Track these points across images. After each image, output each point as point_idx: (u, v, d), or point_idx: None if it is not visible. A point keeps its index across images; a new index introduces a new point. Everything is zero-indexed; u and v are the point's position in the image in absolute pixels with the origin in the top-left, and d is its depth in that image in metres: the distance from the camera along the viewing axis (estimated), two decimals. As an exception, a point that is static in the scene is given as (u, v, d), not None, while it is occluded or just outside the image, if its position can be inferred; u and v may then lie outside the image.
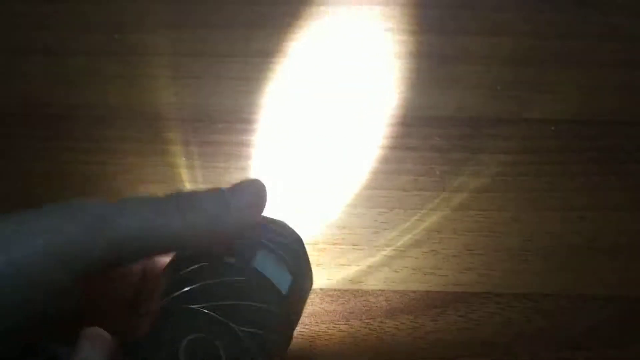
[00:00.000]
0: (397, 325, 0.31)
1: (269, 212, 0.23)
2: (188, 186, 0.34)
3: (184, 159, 0.34)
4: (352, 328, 0.30)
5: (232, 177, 0.34)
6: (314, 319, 0.31)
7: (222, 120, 0.35)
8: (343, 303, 0.31)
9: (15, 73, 0.36)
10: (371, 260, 0.32)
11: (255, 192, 0.22)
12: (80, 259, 0.19)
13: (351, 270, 0.32)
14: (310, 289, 0.25)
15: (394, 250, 0.32)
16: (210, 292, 0.20)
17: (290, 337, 0.23)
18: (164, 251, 0.21)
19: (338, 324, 0.31)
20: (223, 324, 0.20)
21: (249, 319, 0.20)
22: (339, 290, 0.31)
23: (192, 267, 0.21)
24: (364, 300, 0.31)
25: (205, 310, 0.20)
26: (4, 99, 0.36)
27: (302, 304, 0.24)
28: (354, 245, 0.33)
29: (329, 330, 0.30)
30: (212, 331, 0.19)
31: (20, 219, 0.19)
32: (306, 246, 0.24)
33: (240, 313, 0.20)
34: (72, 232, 0.19)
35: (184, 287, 0.20)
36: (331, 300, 0.31)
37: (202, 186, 0.34)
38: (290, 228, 0.24)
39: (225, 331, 0.20)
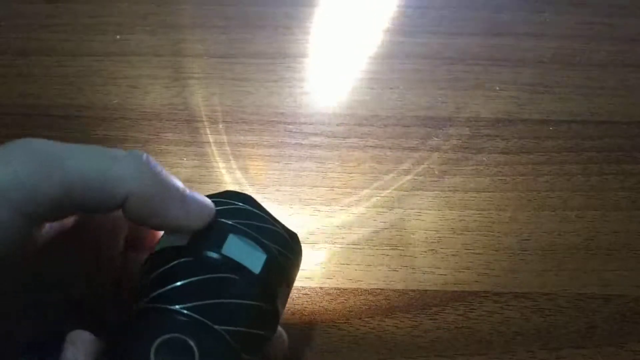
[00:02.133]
0: (396, 323, 0.31)
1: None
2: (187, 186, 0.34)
3: (184, 159, 0.35)
4: (351, 327, 0.31)
5: (233, 177, 0.34)
6: (313, 318, 0.31)
7: (222, 120, 0.35)
8: (342, 302, 0.31)
9: (15, 73, 0.37)
10: (370, 260, 0.32)
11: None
12: (31, 200, 0.18)
13: (351, 269, 0.32)
14: (296, 266, 0.24)
15: (393, 249, 0.33)
16: (186, 291, 0.20)
17: (275, 324, 0.23)
18: (112, 204, 0.20)
19: (337, 323, 0.31)
20: (198, 322, 0.19)
21: (226, 315, 0.20)
22: (339, 289, 0.32)
23: (169, 265, 0.21)
24: (364, 299, 0.31)
25: (180, 309, 0.19)
26: (4, 99, 0.36)
27: (283, 282, 0.23)
28: (353, 244, 0.33)
29: (328, 329, 0.31)
30: (186, 330, 0.19)
31: None
32: (307, 248, 0.24)
33: (217, 310, 0.20)
34: (20, 170, 0.18)
35: (160, 288, 0.20)
36: (331, 299, 0.31)
37: (200, 186, 0.34)
38: (290, 231, 0.24)
39: (199, 329, 0.19)
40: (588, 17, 0.38)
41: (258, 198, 0.23)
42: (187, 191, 0.21)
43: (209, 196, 0.23)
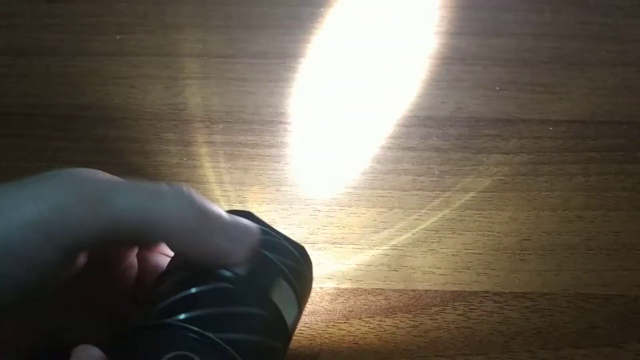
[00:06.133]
0: (396, 323, 0.31)
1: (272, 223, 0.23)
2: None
3: (184, 159, 0.35)
4: (351, 327, 0.31)
5: (233, 178, 0.34)
6: (313, 318, 0.31)
7: (222, 120, 0.35)
8: (342, 302, 0.31)
9: (16, 73, 0.37)
10: (370, 260, 0.32)
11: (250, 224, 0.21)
12: (72, 235, 0.18)
13: (351, 270, 0.32)
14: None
15: (393, 249, 0.33)
16: (195, 304, 0.20)
17: (286, 348, 0.22)
18: (155, 241, 0.20)
19: (337, 323, 0.31)
20: (205, 337, 0.19)
21: (235, 327, 0.20)
22: (339, 289, 0.32)
23: (198, 286, 0.20)
24: (364, 299, 0.31)
25: (187, 325, 0.19)
26: (4, 99, 0.36)
27: (298, 324, 0.23)
28: (353, 244, 0.33)
29: (328, 329, 0.31)
30: (192, 347, 0.19)
31: (5, 188, 0.18)
32: (307, 248, 0.24)
33: (226, 323, 0.20)
34: (63, 206, 0.17)
35: (167, 303, 0.20)
36: (331, 299, 0.31)
37: (200, 186, 0.34)
38: (297, 244, 0.23)
39: (206, 345, 0.19)
40: (588, 17, 0.38)
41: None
42: (229, 221, 0.21)
43: None
